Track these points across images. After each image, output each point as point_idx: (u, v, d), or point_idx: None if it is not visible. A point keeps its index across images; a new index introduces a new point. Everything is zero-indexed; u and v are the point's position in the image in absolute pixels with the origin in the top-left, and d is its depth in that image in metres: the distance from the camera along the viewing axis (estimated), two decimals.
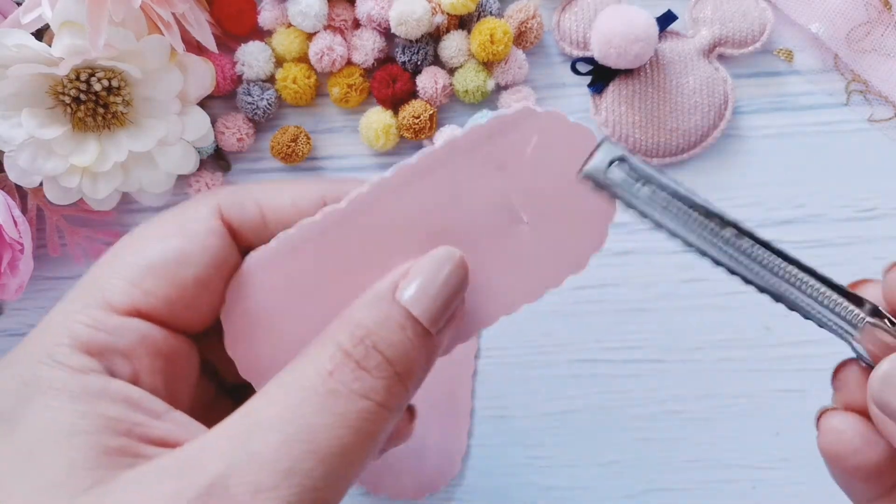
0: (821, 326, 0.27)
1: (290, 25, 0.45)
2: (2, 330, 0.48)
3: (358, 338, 0.26)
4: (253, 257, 0.28)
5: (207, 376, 0.30)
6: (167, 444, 0.25)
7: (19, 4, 0.41)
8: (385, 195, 0.28)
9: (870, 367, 0.27)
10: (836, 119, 0.47)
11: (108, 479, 0.24)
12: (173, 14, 0.41)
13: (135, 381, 0.26)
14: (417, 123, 0.45)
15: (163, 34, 0.41)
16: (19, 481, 0.24)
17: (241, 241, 0.29)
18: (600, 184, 0.25)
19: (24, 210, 0.45)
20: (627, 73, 0.46)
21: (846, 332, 0.26)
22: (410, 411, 0.31)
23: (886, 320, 0.26)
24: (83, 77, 0.41)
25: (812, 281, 0.26)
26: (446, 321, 0.27)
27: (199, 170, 0.46)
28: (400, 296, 0.27)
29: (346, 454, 0.24)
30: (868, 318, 0.26)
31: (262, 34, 0.46)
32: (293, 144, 0.46)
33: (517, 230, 0.28)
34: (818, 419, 0.28)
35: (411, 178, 0.28)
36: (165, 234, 0.27)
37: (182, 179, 0.46)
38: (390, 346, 0.26)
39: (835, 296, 0.26)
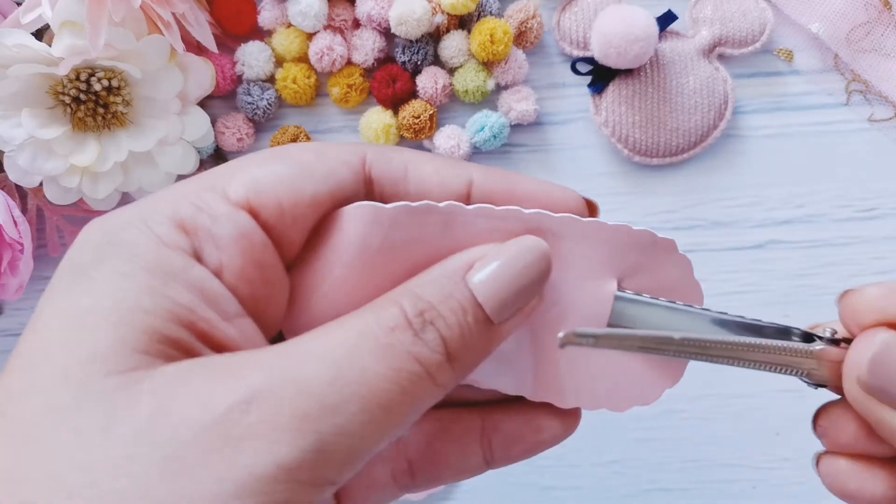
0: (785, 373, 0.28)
1: (290, 25, 0.45)
2: (2, 330, 0.48)
3: (419, 309, 0.25)
4: (363, 206, 0.27)
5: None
6: (225, 349, 0.24)
7: (19, 4, 0.41)
8: (512, 226, 0.27)
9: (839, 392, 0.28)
10: (836, 119, 0.47)
11: (149, 366, 0.22)
12: (173, 14, 0.41)
13: (218, 275, 0.24)
14: (417, 123, 0.45)
15: (163, 34, 0.41)
16: (62, 344, 0.22)
17: (376, 192, 0.28)
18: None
19: (24, 210, 0.45)
20: (627, 73, 0.46)
21: (800, 371, 0.28)
22: None
23: (828, 341, 0.28)
24: (83, 77, 0.41)
25: (758, 345, 0.27)
26: (513, 313, 0.26)
27: (199, 170, 0.46)
28: (470, 277, 0.26)
29: (389, 410, 0.23)
30: (812, 347, 0.27)
31: (262, 34, 0.46)
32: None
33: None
34: (817, 464, 0.29)
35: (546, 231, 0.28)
36: (302, 150, 0.27)
37: (182, 179, 0.46)
38: (448, 326, 0.25)
39: (778, 347, 0.28)
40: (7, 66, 0.39)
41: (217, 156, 0.47)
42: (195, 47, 0.44)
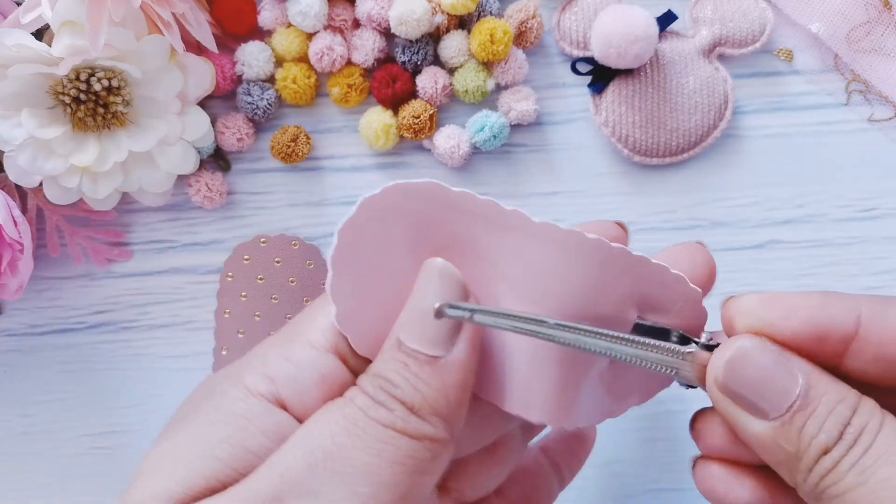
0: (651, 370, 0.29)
1: (290, 25, 0.45)
2: (2, 330, 0.48)
3: (369, 381, 0.27)
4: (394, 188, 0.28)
5: None
6: None
7: (19, 4, 0.41)
8: (535, 236, 0.28)
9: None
10: (836, 119, 0.47)
11: (205, 495, 0.26)
12: (173, 14, 0.41)
13: (301, 418, 0.27)
14: (417, 123, 0.45)
15: (163, 34, 0.41)
16: (137, 482, 0.26)
17: None
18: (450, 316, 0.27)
19: (24, 210, 0.45)
20: (627, 73, 0.46)
21: (671, 367, 0.29)
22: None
23: (699, 345, 0.29)
24: (83, 77, 0.41)
25: (632, 338, 0.28)
26: (449, 338, 0.27)
27: (199, 170, 0.46)
28: (398, 328, 0.27)
29: (370, 478, 0.25)
30: (685, 349, 0.28)
31: (262, 34, 0.46)
32: (293, 144, 0.46)
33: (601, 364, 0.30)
34: (693, 467, 0.30)
35: (568, 245, 0.28)
36: None
37: (182, 179, 0.46)
38: (395, 385, 0.27)
39: (651, 344, 0.28)
40: (7, 66, 0.39)
41: (217, 156, 0.47)
42: (195, 47, 0.44)
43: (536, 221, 0.28)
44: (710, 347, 0.28)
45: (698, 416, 0.30)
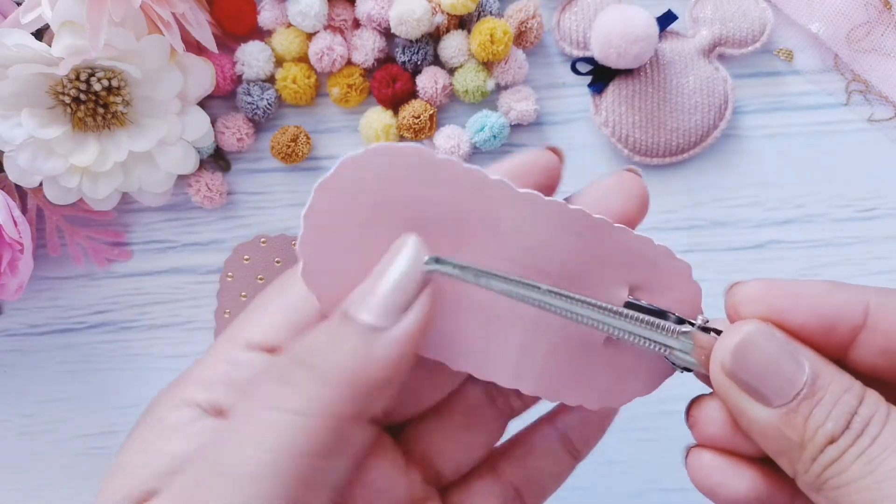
0: (642, 347, 0.28)
1: (290, 25, 0.45)
2: (2, 330, 0.48)
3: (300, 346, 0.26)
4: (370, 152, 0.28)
5: None
6: None
7: (19, 4, 0.41)
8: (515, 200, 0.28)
9: (703, 375, 0.29)
10: (836, 119, 0.47)
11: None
12: (173, 14, 0.41)
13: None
14: (417, 123, 0.45)
15: (163, 34, 0.41)
16: (104, 488, 0.27)
17: None
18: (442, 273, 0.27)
19: (24, 210, 0.45)
20: (627, 73, 0.46)
21: (664, 346, 0.28)
22: None
23: (700, 327, 0.28)
24: (83, 77, 0.41)
25: (626, 312, 0.28)
26: (401, 309, 0.26)
27: (199, 170, 0.46)
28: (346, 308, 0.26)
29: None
30: (681, 328, 0.28)
31: (262, 34, 0.46)
32: (293, 144, 0.46)
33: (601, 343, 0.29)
34: (686, 456, 0.29)
35: (551, 214, 0.28)
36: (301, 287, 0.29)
37: (182, 179, 0.46)
38: (312, 351, 0.26)
39: (645, 320, 0.28)
40: (7, 66, 0.39)
41: (217, 156, 0.47)
42: (195, 47, 0.44)
43: (521, 191, 0.27)
44: (707, 329, 0.28)
45: (694, 402, 0.30)
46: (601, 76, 0.46)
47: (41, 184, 0.42)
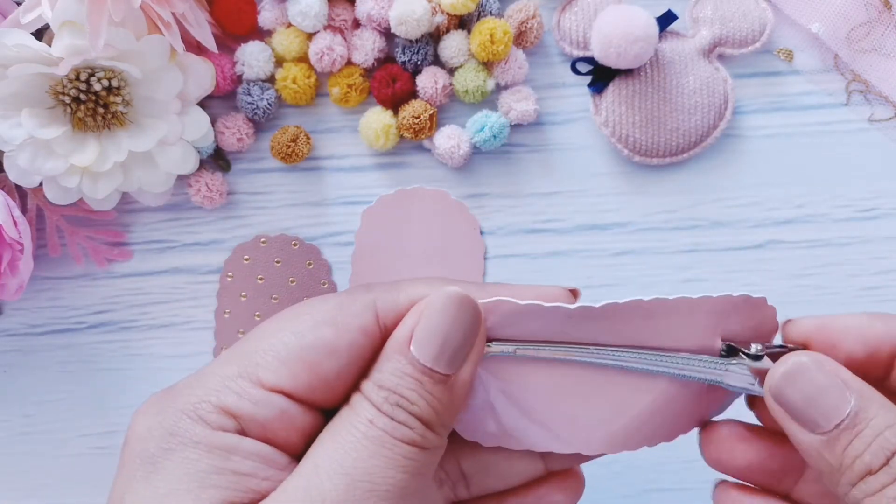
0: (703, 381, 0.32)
1: (290, 25, 0.45)
2: (2, 330, 0.48)
3: (383, 397, 0.29)
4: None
5: None
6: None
7: (19, 4, 0.41)
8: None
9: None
10: (836, 119, 0.47)
11: None
12: (173, 14, 0.41)
13: (266, 441, 0.29)
14: (417, 123, 0.45)
15: (163, 34, 0.41)
16: None
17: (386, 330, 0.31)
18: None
19: (24, 210, 0.46)
20: (627, 73, 0.46)
21: (716, 381, 0.32)
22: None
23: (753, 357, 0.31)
24: (83, 77, 0.41)
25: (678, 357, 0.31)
26: (464, 358, 0.29)
27: (199, 170, 0.46)
28: (413, 348, 0.29)
29: (399, 492, 0.28)
30: (730, 361, 0.31)
31: (262, 34, 0.46)
32: (293, 144, 0.46)
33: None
34: (700, 431, 0.35)
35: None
36: (320, 322, 0.30)
37: (182, 179, 0.46)
38: (412, 402, 0.29)
39: (694, 359, 0.31)
40: (7, 66, 0.39)
41: (217, 156, 0.47)
42: (195, 47, 0.44)
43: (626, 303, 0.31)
44: (758, 357, 0.31)
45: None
46: (601, 76, 0.46)
47: (41, 184, 0.42)
